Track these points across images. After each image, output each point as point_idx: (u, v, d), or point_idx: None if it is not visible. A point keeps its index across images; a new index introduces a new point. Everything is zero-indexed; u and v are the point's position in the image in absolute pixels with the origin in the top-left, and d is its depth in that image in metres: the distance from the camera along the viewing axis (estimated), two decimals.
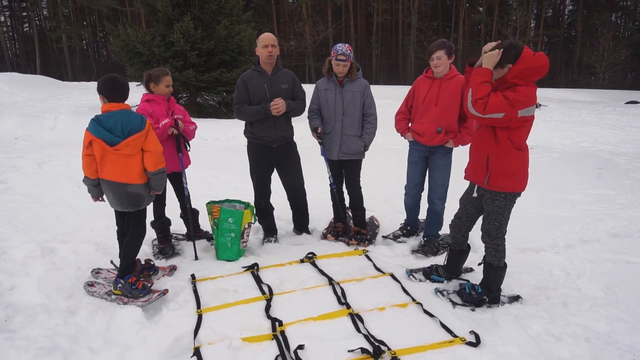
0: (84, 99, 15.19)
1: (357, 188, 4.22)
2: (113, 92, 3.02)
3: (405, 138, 4.09)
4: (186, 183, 3.92)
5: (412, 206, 4.26)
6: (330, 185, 4.23)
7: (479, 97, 2.68)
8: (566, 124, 13.15)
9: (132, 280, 3.11)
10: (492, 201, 2.92)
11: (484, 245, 3.07)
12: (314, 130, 4.07)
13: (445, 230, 4.05)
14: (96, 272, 3.46)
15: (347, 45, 3.84)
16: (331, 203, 4.43)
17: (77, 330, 2.74)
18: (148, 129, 3.08)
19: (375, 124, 4.07)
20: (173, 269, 3.59)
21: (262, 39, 3.80)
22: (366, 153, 4.15)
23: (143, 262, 3.51)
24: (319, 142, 4.13)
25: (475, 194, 3.06)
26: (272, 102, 3.80)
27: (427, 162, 4.03)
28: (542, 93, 27.17)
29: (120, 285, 3.09)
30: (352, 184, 4.21)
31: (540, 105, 18.94)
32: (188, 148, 3.89)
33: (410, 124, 4.02)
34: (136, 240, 3.29)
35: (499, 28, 40.23)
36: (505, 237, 3.03)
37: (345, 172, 4.21)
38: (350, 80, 3.95)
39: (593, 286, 3.35)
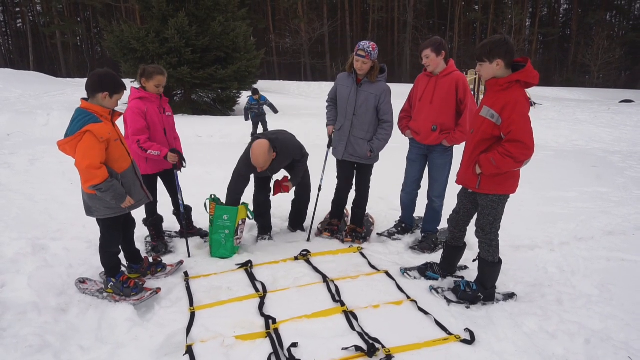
0: (77, 96, 15.05)
1: (365, 188, 4.20)
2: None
3: (405, 136, 4.06)
4: (179, 183, 3.87)
5: (408, 203, 4.23)
6: (319, 187, 4.21)
7: (505, 172, 2.78)
8: (561, 123, 13.20)
9: (123, 278, 3.07)
10: (486, 196, 2.94)
11: (478, 240, 3.07)
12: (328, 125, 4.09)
13: (443, 225, 4.04)
14: (81, 282, 3.27)
15: (372, 43, 3.70)
16: (329, 199, 4.37)
17: (67, 328, 2.70)
18: (78, 139, 2.71)
19: (390, 132, 3.94)
20: (180, 263, 3.57)
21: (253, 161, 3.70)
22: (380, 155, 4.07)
23: (151, 260, 3.47)
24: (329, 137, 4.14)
25: (471, 189, 3.06)
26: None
27: (425, 160, 4.00)
28: (537, 91, 27.27)
29: (111, 283, 3.05)
30: (361, 186, 4.19)
31: (535, 103, 19.03)
32: (185, 165, 3.82)
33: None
34: (102, 247, 3.08)
35: (495, 26, 40.37)
36: (500, 233, 3.02)
37: (357, 174, 4.19)
38: (370, 82, 3.82)
39: (587, 283, 3.35)
